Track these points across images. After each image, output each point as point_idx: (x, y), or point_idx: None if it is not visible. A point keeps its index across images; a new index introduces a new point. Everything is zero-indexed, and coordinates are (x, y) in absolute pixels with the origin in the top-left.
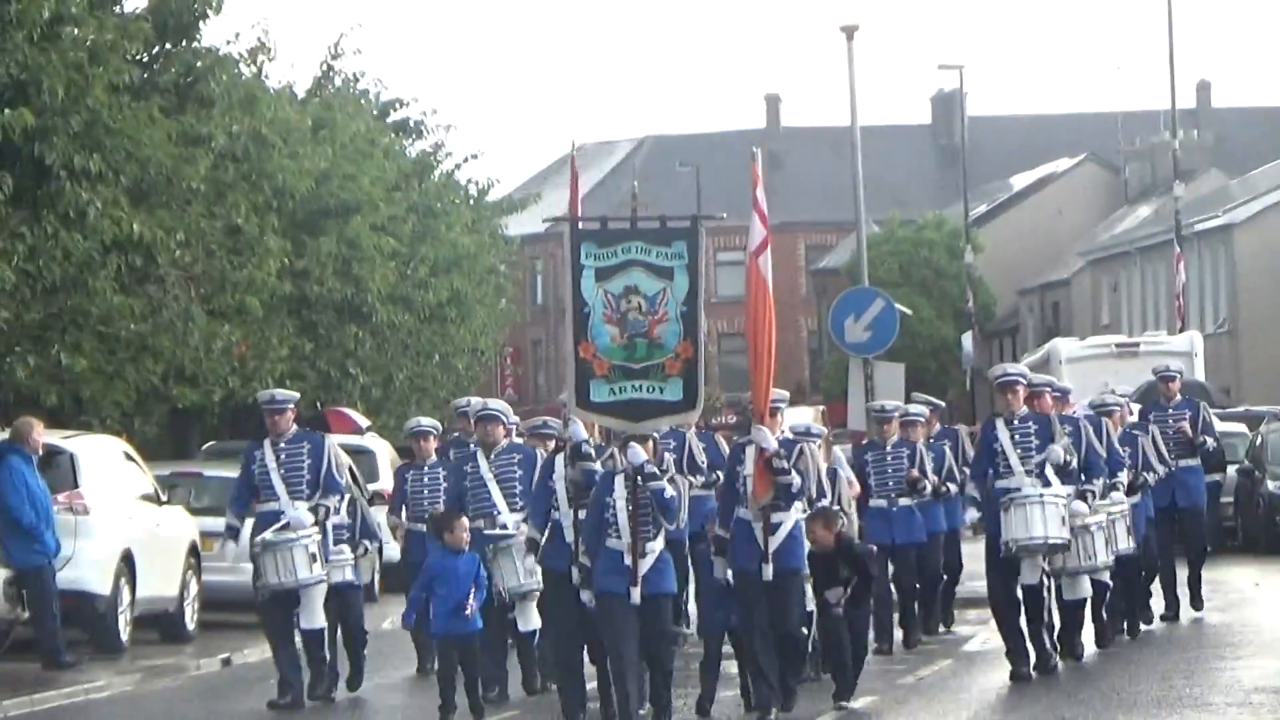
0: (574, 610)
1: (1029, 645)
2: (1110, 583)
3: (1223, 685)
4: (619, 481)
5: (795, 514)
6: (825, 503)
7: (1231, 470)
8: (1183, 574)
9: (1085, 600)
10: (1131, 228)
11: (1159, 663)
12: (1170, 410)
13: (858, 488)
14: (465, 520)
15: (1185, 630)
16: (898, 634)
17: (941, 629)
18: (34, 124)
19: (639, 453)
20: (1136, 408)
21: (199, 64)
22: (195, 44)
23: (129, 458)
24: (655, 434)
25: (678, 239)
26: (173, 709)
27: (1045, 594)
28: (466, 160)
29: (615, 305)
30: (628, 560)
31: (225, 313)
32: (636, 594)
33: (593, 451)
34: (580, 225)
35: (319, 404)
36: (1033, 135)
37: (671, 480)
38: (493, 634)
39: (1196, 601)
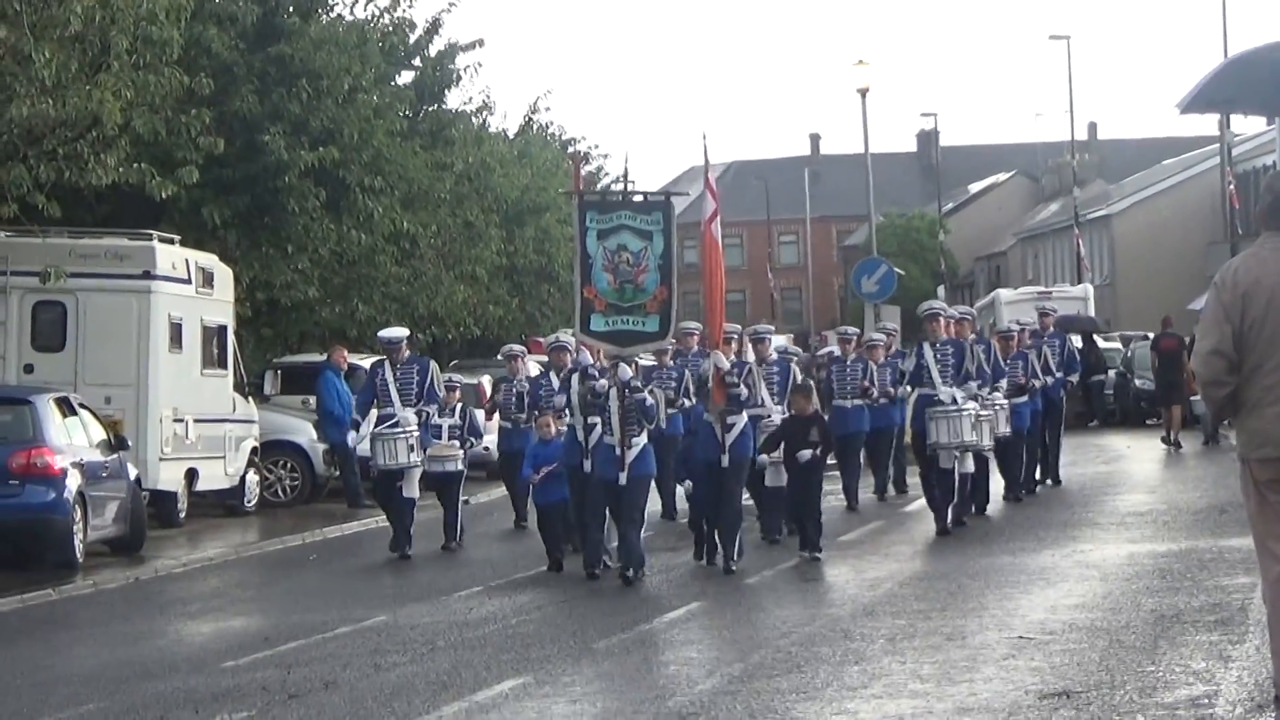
0: (584, 491)
1: (941, 509)
2: (991, 457)
3: (1107, 511)
4: (613, 393)
5: (745, 417)
6: (777, 412)
7: (1112, 373)
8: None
9: (970, 474)
10: (1046, 217)
11: (1065, 499)
12: (1045, 338)
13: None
14: (553, 419)
15: (1079, 480)
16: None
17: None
18: (338, 157)
19: (626, 370)
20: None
21: (445, 118)
22: (442, 105)
23: None
24: (638, 358)
25: (656, 210)
26: (426, 530)
27: (955, 476)
28: (618, 180)
29: (611, 258)
30: (618, 452)
31: (463, 278)
32: (624, 477)
33: (597, 373)
34: (585, 197)
35: (524, 335)
36: (983, 158)
37: (651, 392)
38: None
39: (1055, 475)
